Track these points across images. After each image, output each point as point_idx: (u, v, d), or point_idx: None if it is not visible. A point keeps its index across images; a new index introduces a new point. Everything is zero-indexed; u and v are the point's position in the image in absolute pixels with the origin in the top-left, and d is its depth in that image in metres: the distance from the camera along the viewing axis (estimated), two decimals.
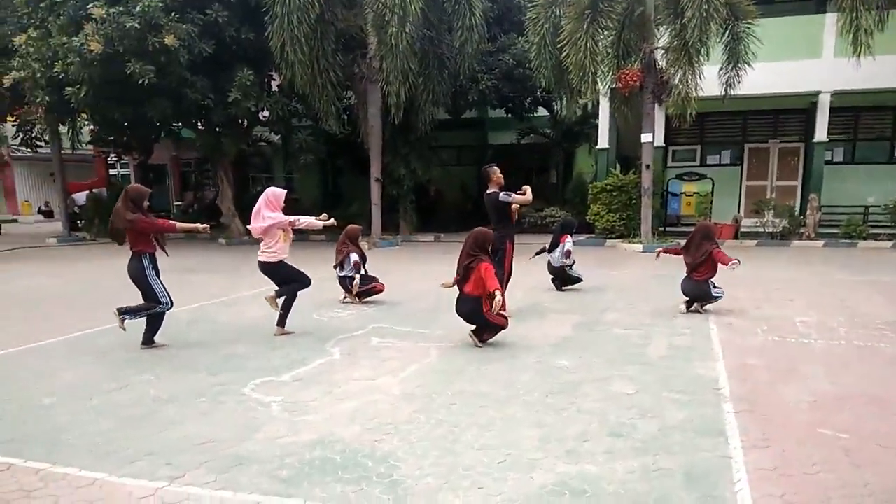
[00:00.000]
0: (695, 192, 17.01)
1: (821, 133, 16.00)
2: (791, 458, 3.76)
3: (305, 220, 6.91)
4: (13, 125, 20.10)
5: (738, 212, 17.66)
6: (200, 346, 6.46)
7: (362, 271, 8.82)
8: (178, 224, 6.63)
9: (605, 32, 14.68)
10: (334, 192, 25.10)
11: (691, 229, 16.07)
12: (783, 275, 11.06)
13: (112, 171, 29.58)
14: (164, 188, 29.99)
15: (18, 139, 20.92)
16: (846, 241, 15.36)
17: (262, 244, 6.75)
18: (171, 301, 6.41)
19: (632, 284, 10.25)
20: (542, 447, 3.90)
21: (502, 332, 6.47)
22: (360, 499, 3.28)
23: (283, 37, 14.93)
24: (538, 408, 4.59)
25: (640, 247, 14.70)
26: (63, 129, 19.85)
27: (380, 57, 15.41)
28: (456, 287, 6.42)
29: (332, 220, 7.12)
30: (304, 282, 6.98)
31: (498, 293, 6.04)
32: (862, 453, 3.82)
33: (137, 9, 13.94)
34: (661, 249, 8.70)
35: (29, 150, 21.99)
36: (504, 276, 7.90)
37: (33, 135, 20.57)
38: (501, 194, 7.67)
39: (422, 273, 11.52)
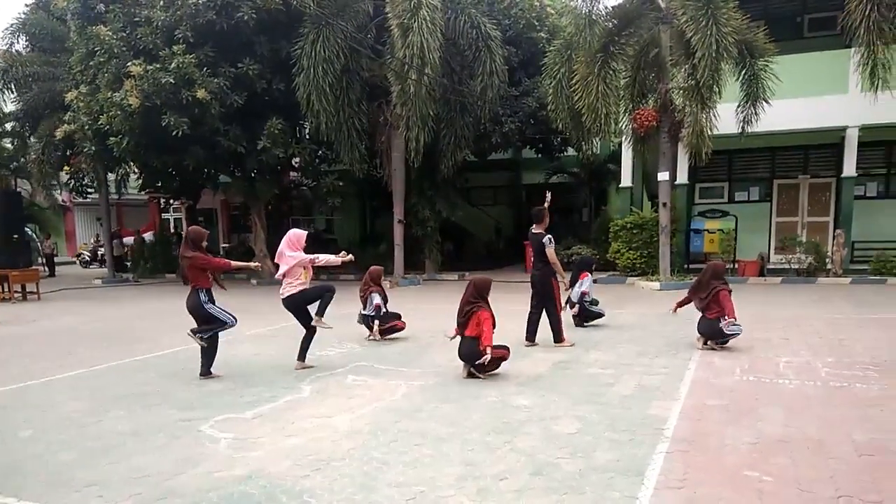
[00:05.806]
0: (718, 230, 16.76)
1: (849, 168, 15.63)
2: (700, 500, 3.79)
3: (324, 258, 7.39)
4: (66, 173, 21.55)
5: (768, 248, 17.37)
6: (185, 384, 6.83)
7: (382, 311, 9.21)
8: (233, 262, 7.39)
9: (620, 74, 14.88)
10: (371, 233, 25.80)
11: None
12: (792, 313, 10.79)
13: (165, 215, 31.16)
14: (213, 231, 31.39)
15: (70, 186, 22.37)
16: (875, 277, 14.85)
17: (284, 283, 7.18)
18: (234, 319, 7.03)
19: (634, 323, 10.20)
20: (457, 485, 4.04)
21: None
22: None
23: (309, 87, 15.67)
24: (473, 446, 4.72)
25: (657, 285, 14.55)
26: (112, 176, 21.18)
27: (400, 104, 15.96)
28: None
29: (350, 257, 7.53)
30: (330, 289, 7.33)
31: (489, 350, 6.42)
32: (776, 497, 3.81)
33: (172, 65, 14.90)
34: (675, 306, 8.65)
35: (80, 196, 23.49)
36: (557, 312, 8.40)
37: (84, 182, 21.95)
38: (545, 238, 8.25)
39: (430, 311, 11.68)
